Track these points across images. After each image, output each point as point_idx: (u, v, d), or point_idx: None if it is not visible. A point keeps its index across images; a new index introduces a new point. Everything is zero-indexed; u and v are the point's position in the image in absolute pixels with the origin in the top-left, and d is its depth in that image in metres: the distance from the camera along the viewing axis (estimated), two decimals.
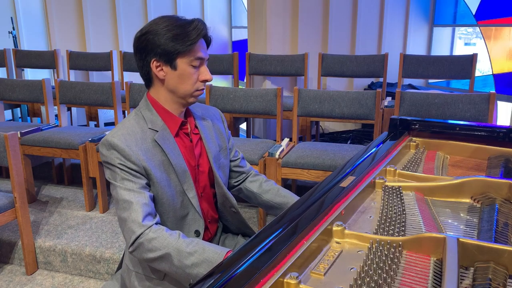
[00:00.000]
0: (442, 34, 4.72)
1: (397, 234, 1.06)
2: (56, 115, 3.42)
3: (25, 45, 5.13)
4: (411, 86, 4.38)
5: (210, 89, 3.03)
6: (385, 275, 0.87)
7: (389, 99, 3.55)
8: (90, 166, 2.92)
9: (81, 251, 2.49)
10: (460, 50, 4.82)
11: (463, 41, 4.96)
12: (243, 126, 4.19)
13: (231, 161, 1.58)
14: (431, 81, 4.70)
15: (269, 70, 4.06)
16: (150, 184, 1.32)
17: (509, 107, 3.93)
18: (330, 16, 4.22)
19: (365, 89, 4.45)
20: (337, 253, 1.00)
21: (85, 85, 3.30)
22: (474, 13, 4.40)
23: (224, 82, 5.52)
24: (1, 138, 2.34)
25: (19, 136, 2.97)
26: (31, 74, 5.24)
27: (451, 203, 1.27)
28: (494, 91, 2.81)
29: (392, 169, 1.44)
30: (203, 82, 1.35)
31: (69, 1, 5.02)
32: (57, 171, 3.51)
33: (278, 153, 2.61)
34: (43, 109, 3.89)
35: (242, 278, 0.82)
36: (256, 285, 0.81)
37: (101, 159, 1.32)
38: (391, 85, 4.28)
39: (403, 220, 1.13)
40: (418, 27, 4.61)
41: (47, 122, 3.39)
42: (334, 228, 1.06)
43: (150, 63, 1.31)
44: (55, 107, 3.43)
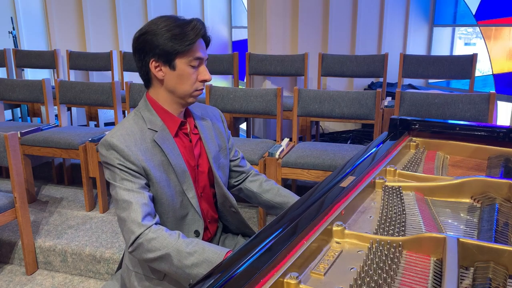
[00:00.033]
0: (442, 34, 4.72)
1: (397, 234, 1.06)
2: (56, 115, 3.42)
3: (25, 45, 5.12)
4: (411, 86, 4.38)
5: (210, 89, 3.03)
6: (385, 275, 0.87)
7: (389, 99, 3.55)
8: (90, 166, 2.92)
9: (81, 251, 2.49)
10: (460, 50, 4.82)
11: (463, 41, 4.96)
12: (243, 126, 4.19)
13: (231, 160, 1.58)
14: (431, 81, 4.70)
15: (269, 70, 4.06)
16: (149, 184, 1.32)
17: (509, 107, 3.93)
18: (330, 16, 4.22)
19: (365, 89, 4.45)
20: (337, 253, 1.00)
21: (85, 85, 3.30)
22: (474, 13, 4.39)
23: (224, 82, 5.52)
24: (1, 138, 2.34)
25: (19, 136, 2.97)
26: (31, 74, 5.24)
27: (451, 203, 1.27)
28: (494, 91, 2.81)
29: (392, 169, 1.44)
30: (202, 82, 1.35)
31: (69, 1, 5.02)
32: (57, 171, 3.51)
33: (278, 153, 2.61)
34: (43, 109, 3.89)
35: (242, 278, 0.82)
36: (256, 285, 0.81)
37: (101, 159, 1.32)
38: (391, 85, 4.28)
39: (403, 220, 1.13)
40: (418, 27, 4.61)
41: (47, 122, 3.39)
42: (334, 228, 1.06)
43: (149, 63, 1.31)
44: (55, 107, 3.43)
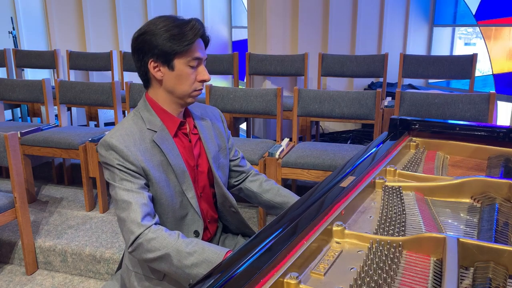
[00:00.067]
0: (442, 34, 4.72)
1: (397, 234, 1.06)
2: (56, 115, 3.42)
3: (25, 45, 5.12)
4: (411, 86, 4.38)
5: (210, 89, 3.03)
6: (385, 275, 0.87)
7: (389, 99, 3.55)
8: (90, 166, 2.92)
9: (81, 251, 2.49)
10: (460, 50, 4.82)
11: (463, 41, 4.96)
12: (243, 126, 4.19)
13: (231, 160, 1.58)
14: (431, 81, 4.70)
15: (269, 70, 4.06)
16: (149, 185, 1.32)
17: (509, 107, 3.93)
18: (330, 16, 4.22)
19: (365, 89, 4.45)
20: (337, 253, 1.00)
21: (85, 85, 3.30)
22: (474, 13, 4.39)
23: (224, 82, 5.52)
24: (1, 138, 2.34)
25: (19, 136, 2.97)
26: (31, 74, 5.24)
27: (451, 203, 1.27)
28: (494, 91, 2.81)
29: (392, 169, 1.44)
30: (201, 82, 1.35)
31: (69, 1, 5.02)
32: (57, 171, 3.51)
33: (278, 153, 2.61)
34: (43, 109, 3.89)
35: (242, 278, 0.82)
36: (256, 285, 0.81)
37: (100, 159, 1.32)
38: (391, 85, 4.28)
39: (403, 220, 1.13)
40: (418, 27, 4.61)
41: (47, 122, 3.38)
42: (334, 228, 1.06)
43: (147, 63, 1.30)
44: (55, 107, 3.43)
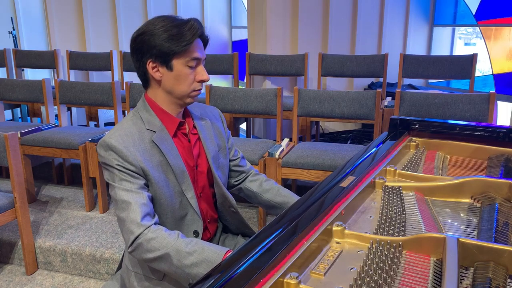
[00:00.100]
0: (442, 34, 4.72)
1: (397, 234, 1.06)
2: (56, 115, 3.42)
3: (25, 45, 5.12)
4: (411, 86, 4.38)
5: (210, 89, 3.03)
6: (385, 275, 0.87)
7: (389, 99, 3.55)
8: (90, 166, 2.92)
9: (81, 251, 2.49)
10: (460, 50, 4.82)
11: (463, 41, 4.96)
12: (243, 126, 4.19)
13: (231, 160, 1.58)
14: (431, 81, 4.70)
15: (269, 70, 4.06)
16: (148, 185, 1.32)
17: (509, 107, 3.93)
18: (330, 16, 4.22)
19: (365, 89, 4.45)
20: (337, 253, 1.00)
21: (85, 85, 3.30)
22: (474, 13, 4.39)
23: (224, 82, 5.52)
24: (1, 138, 2.34)
25: (19, 136, 2.97)
26: (31, 74, 5.24)
27: (451, 203, 1.27)
28: (494, 91, 2.81)
29: (392, 169, 1.44)
30: (200, 83, 1.34)
31: (69, 1, 5.02)
32: (57, 171, 3.51)
33: (278, 153, 2.61)
34: (43, 109, 3.89)
35: (242, 278, 0.82)
36: (256, 285, 0.81)
37: (99, 160, 1.32)
38: (391, 85, 4.28)
39: (403, 220, 1.13)
40: (418, 27, 4.61)
41: (47, 122, 3.38)
42: (334, 228, 1.06)
43: (146, 64, 1.30)
44: (55, 107, 3.43)
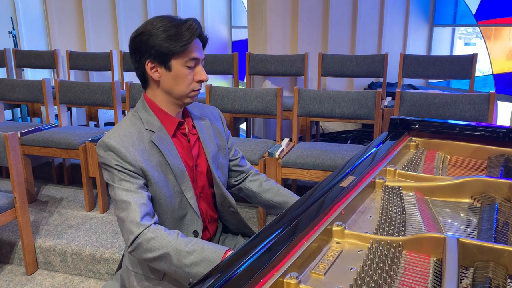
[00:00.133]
0: (442, 34, 4.72)
1: (397, 234, 1.06)
2: (56, 115, 3.42)
3: (25, 45, 5.12)
4: (411, 86, 4.38)
5: (210, 89, 3.03)
6: (385, 275, 0.87)
7: (389, 99, 3.55)
8: (90, 166, 2.92)
9: (81, 251, 2.49)
10: (460, 50, 4.82)
11: (463, 41, 4.96)
12: (243, 126, 4.19)
13: (230, 160, 1.58)
14: (431, 81, 4.70)
15: (269, 70, 4.06)
16: (148, 185, 1.32)
17: (509, 107, 3.93)
18: (330, 16, 4.22)
19: (365, 89, 4.45)
20: (337, 253, 1.00)
21: (85, 85, 3.30)
22: (474, 13, 4.39)
23: (224, 82, 5.52)
24: (1, 138, 2.34)
25: (19, 136, 2.97)
26: (31, 74, 5.24)
27: (451, 203, 1.27)
28: (494, 91, 2.81)
29: (392, 169, 1.44)
30: (199, 83, 1.34)
31: (69, 1, 5.02)
32: (57, 171, 3.51)
33: (278, 153, 2.61)
34: (43, 109, 3.89)
35: (242, 278, 0.82)
36: (256, 285, 0.81)
37: (99, 160, 1.32)
38: (391, 85, 4.28)
39: (403, 220, 1.13)
40: (418, 27, 4.61)
41: (47, 122, 3.38)
42: (334, 228, 1.06)
43: (145, 64, 1.30)
44: (55, 107, 3.43)
